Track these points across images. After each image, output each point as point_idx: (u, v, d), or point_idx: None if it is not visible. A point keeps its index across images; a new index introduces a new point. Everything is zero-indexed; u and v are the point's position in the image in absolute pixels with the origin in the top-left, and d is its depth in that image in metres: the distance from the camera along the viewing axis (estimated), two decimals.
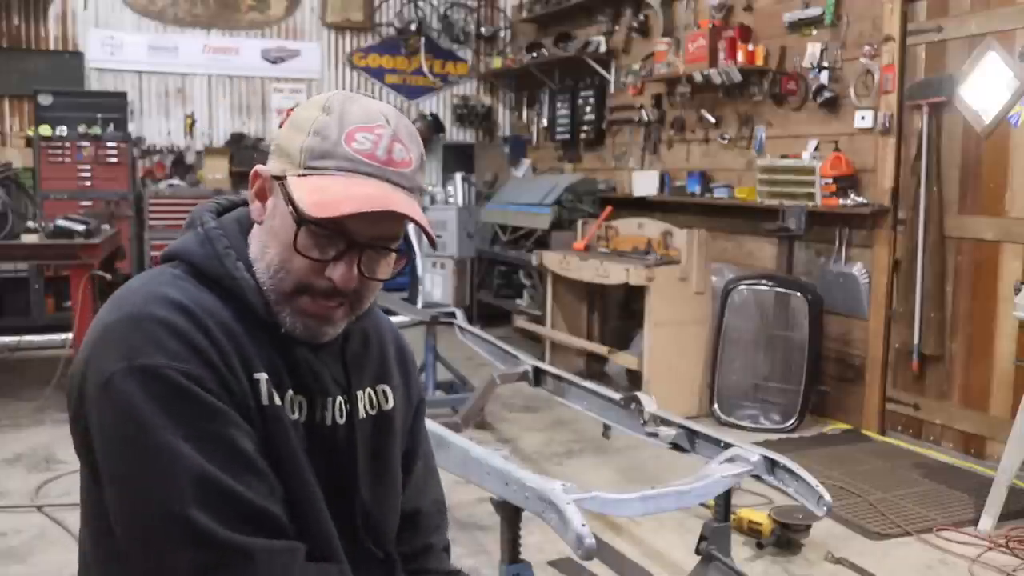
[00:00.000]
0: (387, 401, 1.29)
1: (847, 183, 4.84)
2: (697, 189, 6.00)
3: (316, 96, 1.18)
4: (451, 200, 8.00)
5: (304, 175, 1.10)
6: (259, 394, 1.10)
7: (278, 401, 1.12)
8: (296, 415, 1.16)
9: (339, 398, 1.21)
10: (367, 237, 1.11)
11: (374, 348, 1.31)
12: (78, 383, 1.08)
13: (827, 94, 5.01)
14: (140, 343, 1.04)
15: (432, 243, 1.20)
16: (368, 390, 1.27)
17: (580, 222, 6.25)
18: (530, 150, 8.41)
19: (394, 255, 1.17)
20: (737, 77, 5.58)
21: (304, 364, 1.17)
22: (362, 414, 1.25)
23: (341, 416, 1.21)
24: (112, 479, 1.05)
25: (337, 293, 1.13)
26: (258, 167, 1.16)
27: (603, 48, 7.04)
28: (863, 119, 4.81)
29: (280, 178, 1.13)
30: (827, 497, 2.44)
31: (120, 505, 1.04)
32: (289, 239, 1.11)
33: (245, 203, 1.24)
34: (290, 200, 1.10)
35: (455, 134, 8.69)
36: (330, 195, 1.07)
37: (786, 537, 3.27)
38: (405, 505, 1.35)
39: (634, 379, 5.33)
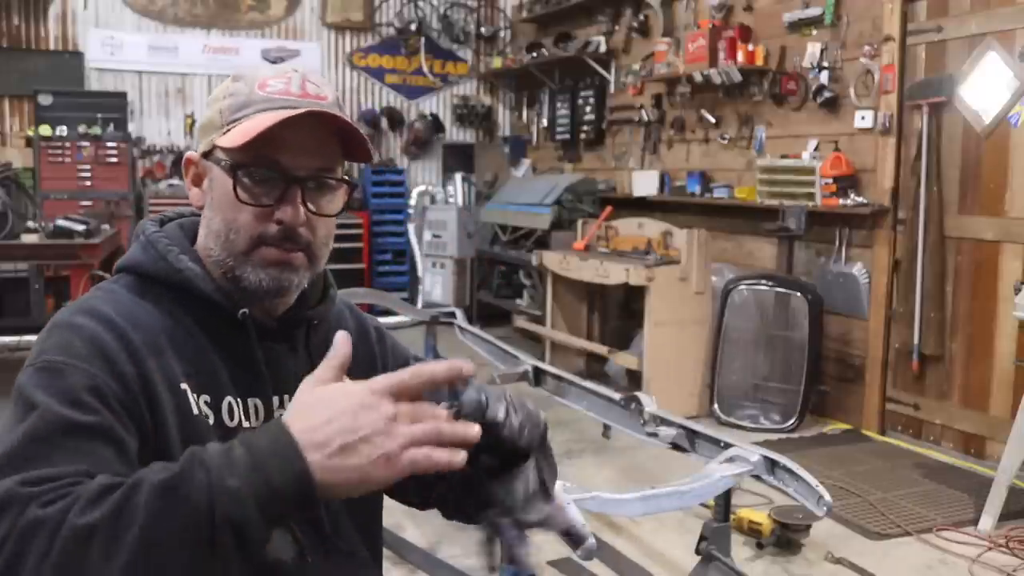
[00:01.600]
0: None
1: (847, 183, 4.84)
2: (697, 189, 6.00)
3: None
4: (451, 200, 8.00)
5: (228, 130, 1.12)
6: (188, 404, 1.08)
7: (205, 411, 1.10)
8: (248, 422, 1.14)
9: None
10: (305, 171, 1.12)
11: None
12: None
13: (827, 94, 5.01)
14: (51, 346, 1.04)
15: (369, 158, 1.19)
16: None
17: (580, 222, 6.25)
18: (530, 150, 8.41)
19: (339, 189, 1.17)
20: (737, 77, 5.58)
21: (263, 360, 1.17)
22: None
23: None
24: None
25: (291, 237, 1.13)
26: (188, 154, 1.19)
27: (603, 48, 7.04)
28: (863, 119, 4.80)
29: (206, 154, 1.15)
30: (827, 497, 2.43)
31: None
32: (230, 197, 1.12)
33: (190, 215, 1.26)
34: (225, 156, 1.12)
35: (455, 134, 8.69)
36: (252, 126, 1.10)
37: (786, 537, 3.27)
38: None
39: (634, 379, 5.33)
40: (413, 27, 8.25)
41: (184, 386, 1.09)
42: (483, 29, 8.60)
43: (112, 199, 6.77)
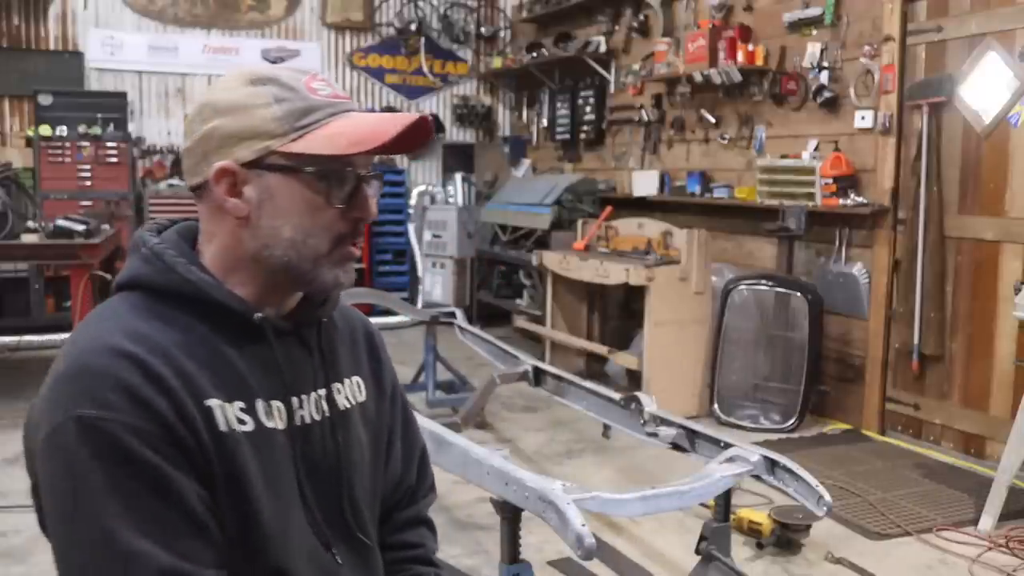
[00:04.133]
0: (360, 393, 1.31)
1: (847, 183, 4.84)
2: (697, 189, 6.00)
3: (210, 91, 1.16)
4: (451, 200, 8.00)
5: (301, 136, 1.11)
6: (214, 421, 1.08)
7: (235, 426, 1.10)
8: (275, 423, 1.15)
9: (314, 394, 1.21)
10: (365, 170, 1.16)
11: (346, 339, 1.32)
12: (30, 436, 1.07)
13: (827, 94, 5.01)
14: (81, 396, 1.01)
15: (441, 129, 1.24)
16: (346, 381, 1.28)
17: (580, 222, 6.25)
18: (530, 150, 8.41)
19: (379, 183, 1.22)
20: (737, 77, 5.58)
21: (281, 361, 1.17)
22: (342, 406, 1.25)
23: (318, 412, 1.21)
24: (51, 535, 1.04)
25: (358, 232, 1.17)
26: (221, 165, 1.12)
27: (603, 48, 7.04)
28: (863, 119, 4.81)
29: (257, 162, 1.11)
30: (827, 497, 2.44)
31: (57, 563, 1.04)
32: (311, 203, 1.12)
33: (181, 221, 1.24)
34: (303, 162, 1.11)
35: (455, 134, 8.68)
36: (356, 133, 1.11)
37: (786, 537, 3.27)
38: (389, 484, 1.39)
39: (634, 379, 5.33)
40: (413, 27, 8.24)
41: (209, 403, 1.08)
42: (483, 29, 8.60)
43: (112, 199, 6.77)
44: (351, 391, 1.28)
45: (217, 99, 1.13)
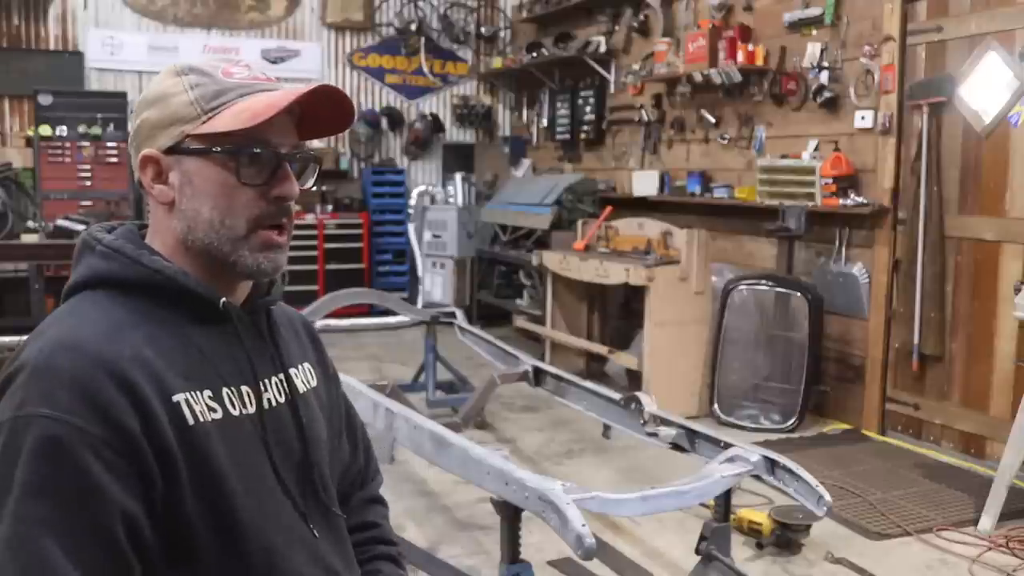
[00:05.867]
0: (312, 379, 1.33)
1: (847, 183, 4.84)
2: (697, 189, 6.00)
3: (149, 86, 1.19)
4: (451, 200, 8.00)
5: (211, 118, 1.13)
6: (182, 417, 1.07)
7: (204, 416, 1.09)
8: (245, 409, 1.16)
9: (275, 378, 1.23)
10: (287, 148, 1.17)
11: (288, 329, 1.34)
12: None
13: (827, 94, 5.01)
14: (34, 394, 0.99)
15: (351, 117, 1.25)
16: (299, 367, 1.31)
17: (580, 222, 6.25)
18: (530, 150, 8.42)
19: (312, 163, 1.23)
20: (737, 77, 5.58)
21: (246, 345, 1.19)
22: (300, 389, 1.28)
23: (281, 395, 1.23)
24: None
25: (282, 213, 1.17)
26: (144, 153, 1.15)
27: (603, 48, 7.04)
28: (863, 119, 4.81)
29: (175, 148, 1.14)
30: (827, 497, 2.44)
31: None
32: (226, 183, 1.13)
33: (123, 224, 1.25)
34: (213, 143, 1.12)
35: (455, 134, 8.69)
36: (257, 107, 1.12)
37: (786, 537, 3.27)
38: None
39: (634, 379, 5.33)
40: (413, 27, 8.25)
41: (177, 398, 1.07)
42: (483, 29, 8.60)
43: (112, 199, 6.77)
44: (304, 376, 1.31)
45: (146, 93, 1.17)
